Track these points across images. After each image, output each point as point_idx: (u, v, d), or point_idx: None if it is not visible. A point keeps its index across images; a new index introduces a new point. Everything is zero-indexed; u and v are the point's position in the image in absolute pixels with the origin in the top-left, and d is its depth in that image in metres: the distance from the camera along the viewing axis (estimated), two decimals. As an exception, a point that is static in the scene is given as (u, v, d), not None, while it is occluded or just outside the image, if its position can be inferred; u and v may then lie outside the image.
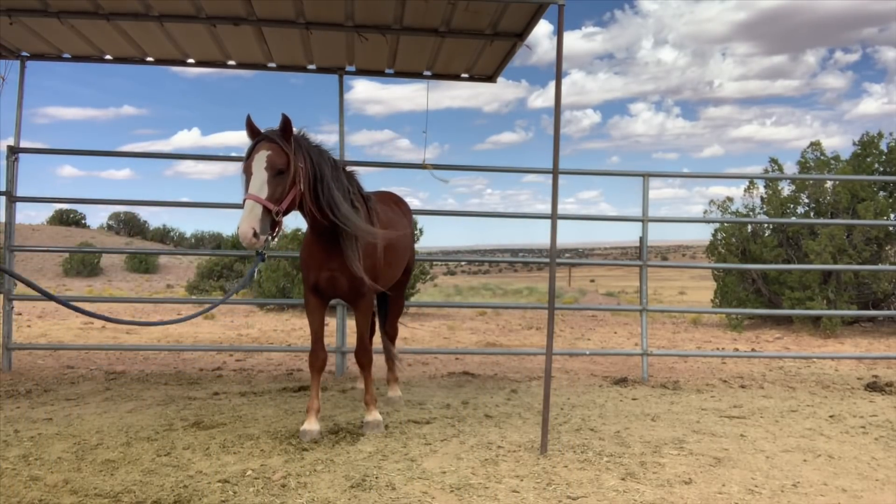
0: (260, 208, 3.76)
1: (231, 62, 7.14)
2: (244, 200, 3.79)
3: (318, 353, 4.55)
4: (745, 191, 13.10)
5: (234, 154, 7.91)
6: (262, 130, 4.02)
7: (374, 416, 4.61)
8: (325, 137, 4.36)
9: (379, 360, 5.68)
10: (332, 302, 7.32)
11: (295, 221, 4.05)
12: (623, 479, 3.72)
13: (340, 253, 4.34)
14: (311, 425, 4.40)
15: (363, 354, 4.70)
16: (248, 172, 3.89)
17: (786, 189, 12.87)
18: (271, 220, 3.83)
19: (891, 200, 11.82)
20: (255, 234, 3.70)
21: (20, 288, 8.91)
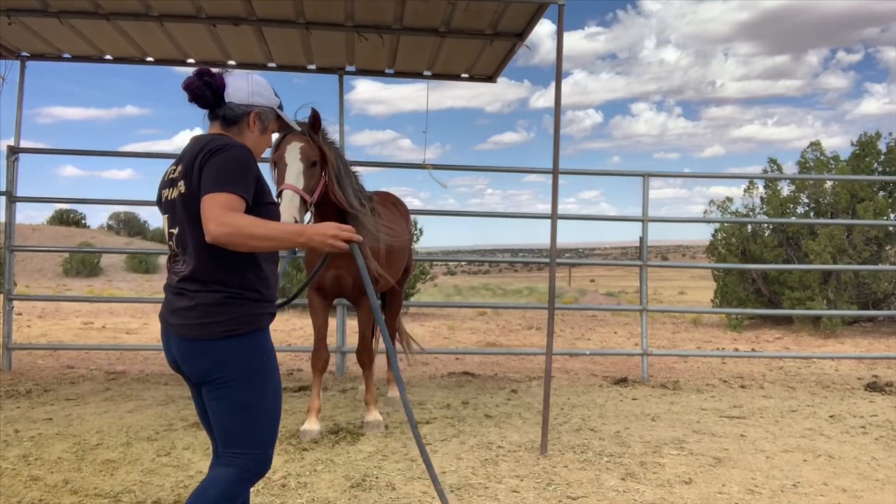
0: (298, 198, 3.81)
1: (231, 62, 7.14)
2: (281, 191, 3.82)
3: (320, 353, 4.55)
4: (744, 191, 13.08)
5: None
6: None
7: (375, 416, 4.62)
8: (328, 138, 4.38)
9: (379, 360, 5.68)
10: (332, 302, 7.33)
11: (295, 221, 4.07)
12: (623, 479, 3.72)
13: (347, 251, 4.35)
14: (312, 425, 4.40)
15: (365, 354, 4.70)
16: (280, 163, 3.91)
17: (785, 189, 12.87)
18: (305, 210, 3.89)
19: (890, 200, 11.82)
20: (296, 223, 3.75)
21: (20, 288, 8.90)
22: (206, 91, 2.25)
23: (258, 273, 2.21)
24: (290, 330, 11.45)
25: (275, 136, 2.35)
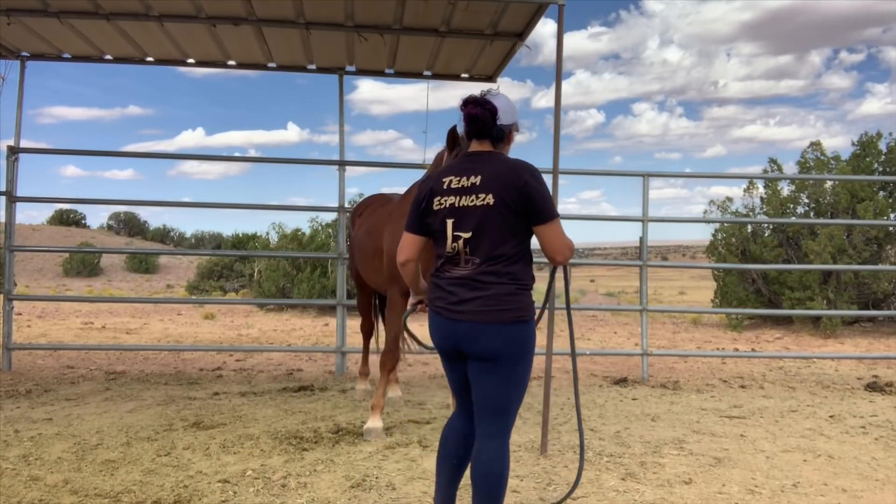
0: None
1: (231, 62, 7.14)
2: None
3: (395, 354, 4.65)
4: (744, 191, 13.08)
5: (237, 154, 7.97)
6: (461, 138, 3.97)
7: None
8: (330, 137, 4.34)
9: (377, 360, 5.67)
10: (332, 302, 7.32)
11: (294, 220, 4.04)
12: (623, 479, 3.72)
13: None
14: (376, 423, 4.44)
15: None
16: None
17: (786, 189, 12.86)
18: None
19: (890, 200, 11.81)
20: None
21: (20, 288, 8.91)
22: (490, 118, 2.67)
23: (533, 273, 2.69)
24: (290, 330, 11.46)
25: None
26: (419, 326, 12.30)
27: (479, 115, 2.67)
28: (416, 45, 6.54)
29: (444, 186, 2.66)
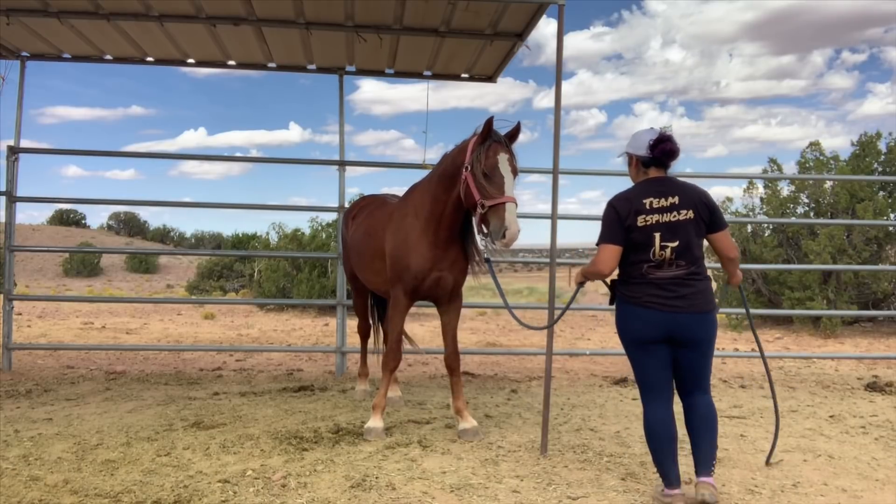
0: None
1: (231, 62, 7.15)
2: (506, 203, 3.87)
3: (397, 354, 4.63)
4: (744, 191, 13.09)
5: (238, 154, 7.97)
6: (493, 131, 4.05)
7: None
8: (331, 137, 4.35)
9: (377, 360, 5.67)
10: (331, 302, 7.33)
11: (295, 221, 4.05)
12: (623, 479, 3.72)
13: (455, 252, 4.43)
14: (377, 423, 4.44)
15: (455, 358, 4.63)
16: (496, 172, 3.94)
17: (785, 189, 12.86)
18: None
19: (890, 200, 11.81)
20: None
21: (20, 288, 8.91)
22: (679, 152, 3.37)
23: None
24: (290, 330, 11.46)
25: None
26: (418, 327, 12.29)
27: (676, 150, 3.34)
28: (416, 45, 6.55)
29: (647, 206, 3.28)
